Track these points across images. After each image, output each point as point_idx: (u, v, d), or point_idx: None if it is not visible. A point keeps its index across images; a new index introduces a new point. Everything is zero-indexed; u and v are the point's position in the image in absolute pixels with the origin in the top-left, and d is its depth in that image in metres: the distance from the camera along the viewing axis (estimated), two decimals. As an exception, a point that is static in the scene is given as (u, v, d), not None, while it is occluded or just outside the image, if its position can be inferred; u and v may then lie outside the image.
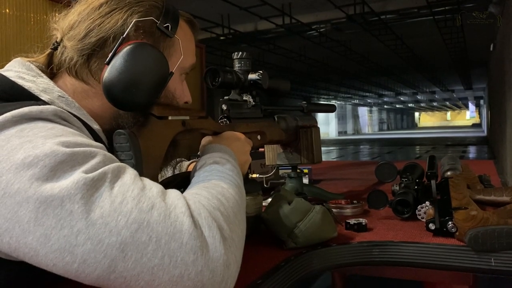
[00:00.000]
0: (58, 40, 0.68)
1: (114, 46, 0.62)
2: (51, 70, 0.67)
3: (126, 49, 0.62)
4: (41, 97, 0.60)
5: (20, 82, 0.60)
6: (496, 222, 0.78)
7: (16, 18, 1.45)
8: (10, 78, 0.61)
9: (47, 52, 0.68)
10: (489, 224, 0.77)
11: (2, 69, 0.65)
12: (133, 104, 0.63)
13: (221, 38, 9.32)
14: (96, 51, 0.64)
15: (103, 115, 0.67)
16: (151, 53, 0.63)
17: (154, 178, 0.64)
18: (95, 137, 0.63)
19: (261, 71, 0.92)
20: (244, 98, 0.92)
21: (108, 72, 0.61)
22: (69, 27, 0.66)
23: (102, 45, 0.64)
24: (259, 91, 0.95)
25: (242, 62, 0.94)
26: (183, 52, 0.70)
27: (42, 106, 0.55)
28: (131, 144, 0.60)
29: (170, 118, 0.68)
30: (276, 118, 1.03)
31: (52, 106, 0.57)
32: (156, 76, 0.63)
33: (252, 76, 0.92)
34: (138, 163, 0.61)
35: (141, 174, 0.59)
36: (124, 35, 0.63)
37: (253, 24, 9.02)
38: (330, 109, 1.28)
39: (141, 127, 0.64)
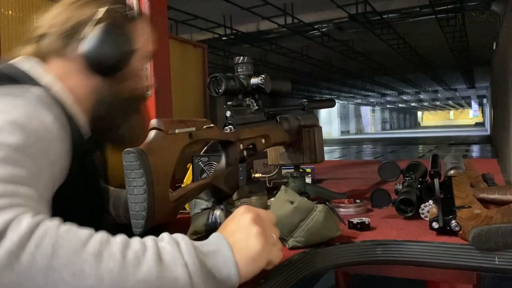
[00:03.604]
0: (41, 33, 0.80)
1: (91, 25, 0.78)
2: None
3: (99, 26, 0.78)
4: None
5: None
6: (500, 220, 0.77)
7: (19, 19, 1.45)
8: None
9: (33, 45, 0.81)
10: (493, 223, 0.76)
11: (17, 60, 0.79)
12: (105, 66, 0.78)
13: (223, 38, 9.32)
14: (76, 32, 0.78)
15: (83, 93, 0.80)
16: (119, 27, 0.80)
17: (165, 195, 0.64)
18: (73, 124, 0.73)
19: (263, 75, 0.92)
20: (247, 102, 0.92)
21: (86, 42, 0.77)
22: (52, 17, 0.80)
23: (81, 27, 0.78)
24: (261, 95, 0.95)
25: (244, 67, 0.94)
26: (142, 38, 0.85)
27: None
28: (141, 162, 0.60)
29: (177, 131, 0.68)
30: (278, 119, 1.03)
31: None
32: (123, 44, 0.80)
33: (254, 80, 0.92)
34: (148, 181, 0.61)
35: (152, 192, 0.60)
36: (98, 17, 0.78)
37: (255, 24, 9.02)
38: (330, 104, 1.27)
39: (150, 144, 0.64)
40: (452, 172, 1.19)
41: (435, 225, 0.82)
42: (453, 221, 0.79)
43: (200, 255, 0.55)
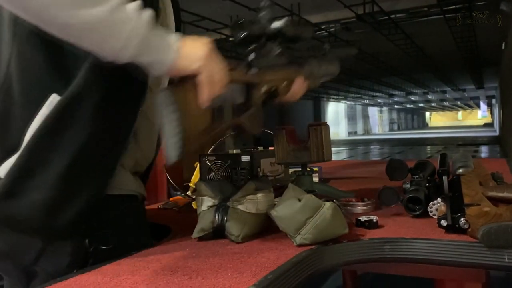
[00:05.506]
0: None
1: None
2: None
3: None
4: None
5: None
6: (510, 218, 0.77)
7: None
8: None
9: None
10: (502, 220, 0.76)
11: None
12: None
13: (230, 39, 9.34)
14: None
15: None
16: None
17: (196, 129, 0.72)
18: None
19: (287, 18, 0.93)
20: (270, 46, 0.92)
21: None
22: None
23: None
24: (283, 39, 0.95)
25: (267, 11, 0.93)
26: None
27: None
28: (174, 99, 0.68)
29: None
30: (300, 65, 1.01)
31: None
32: None
33: (277, 24, 0.92)
34: (180, 116, 0.68)
35: (184, 126, 0.68)
36: None
37: (262, 25, 9.01)
38: (350, 52, 1.22)
39: (180, 85, 0.71)
40: (460, 170, 1.18)
41: (443, 223, 0.81)
42: (462, 219, 0.79)
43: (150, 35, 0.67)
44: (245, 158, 1.22)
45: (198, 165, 1.34)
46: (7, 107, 0.73)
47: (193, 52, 0.72)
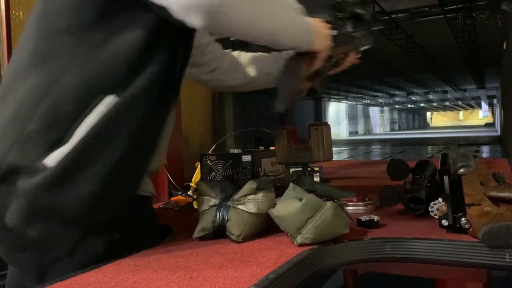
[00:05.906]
0: None
1: None
2: None
3: None
4: None
5: None
6: (510, 218, 0.77)
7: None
8: None
9: None
10: (504, 220, 0.76)
11: None
12: None
13: (231, 39, 9.34)
14: None
15: None
16: None
17: (296, 91, 0.86)
18: None
19: (366, 7, 1.02)
20: (345, 24, 1.00)
21: None
22: None
23: None
24: (356, 19, 1.03)
25: None
26: None
27: None
28: (295, 67, 0.85)
29: None
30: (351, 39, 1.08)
31: None
32: None
33: (361, 9, 1.01)
34: (295, 82, 0.85)
35: (294, 89, 0.85)
36: None
37: (263, 25, 9.00)
38: (378, 26, 1.27)
39: (300, 56, 0.85)
40: (461, 170, 1.18)
41: (444, 222, 0.81)
42: (463, 219, 0.79)
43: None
44: (246, 158, 1.23)
45: (199, 165, 1.34)
46: (57, 102, 0.74)
47: (323, 33, 0.86)
